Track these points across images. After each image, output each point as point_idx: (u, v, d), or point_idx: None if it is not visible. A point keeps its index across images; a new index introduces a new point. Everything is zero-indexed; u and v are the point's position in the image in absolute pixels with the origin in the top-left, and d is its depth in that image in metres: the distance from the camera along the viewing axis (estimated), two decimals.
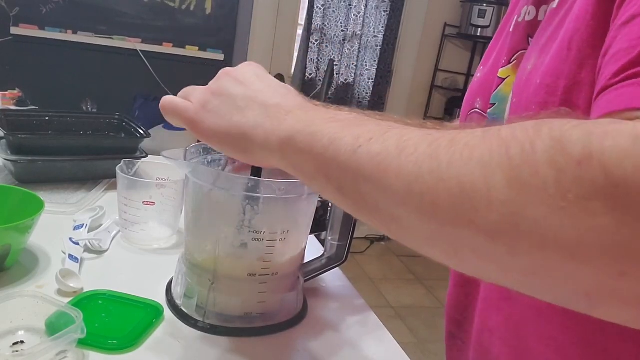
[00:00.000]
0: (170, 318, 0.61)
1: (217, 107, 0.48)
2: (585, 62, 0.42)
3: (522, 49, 0.55)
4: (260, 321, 0.61)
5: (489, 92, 0.59)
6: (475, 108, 0.62)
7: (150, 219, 0.78)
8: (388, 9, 3.49)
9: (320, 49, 3.46)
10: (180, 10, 3.06)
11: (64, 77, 2.97)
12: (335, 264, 0.70)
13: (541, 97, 0.45)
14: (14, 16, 2.81)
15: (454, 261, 0.34)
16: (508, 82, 0.56)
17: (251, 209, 0.56)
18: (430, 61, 3.68)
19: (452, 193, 0.31)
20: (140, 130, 1.05)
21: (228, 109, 0.47)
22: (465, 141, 0.32)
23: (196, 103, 0.49)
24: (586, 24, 0.42)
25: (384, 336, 0.65)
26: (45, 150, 0.92)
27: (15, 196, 0.71)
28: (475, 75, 0.66)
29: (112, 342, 0.54)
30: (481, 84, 0.62)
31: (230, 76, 0.49)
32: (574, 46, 0.43)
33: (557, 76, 0.44)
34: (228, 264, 0.59)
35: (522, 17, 0.56)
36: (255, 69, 0.51)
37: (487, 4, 3.37)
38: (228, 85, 0.48)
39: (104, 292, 0.63)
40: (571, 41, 0.43)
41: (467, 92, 0.66)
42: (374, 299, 2.77)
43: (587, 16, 0.42)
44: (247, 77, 0.49)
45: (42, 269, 0.67)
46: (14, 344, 0.52)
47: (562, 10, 0.48)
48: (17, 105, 2.57)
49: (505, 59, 0.57)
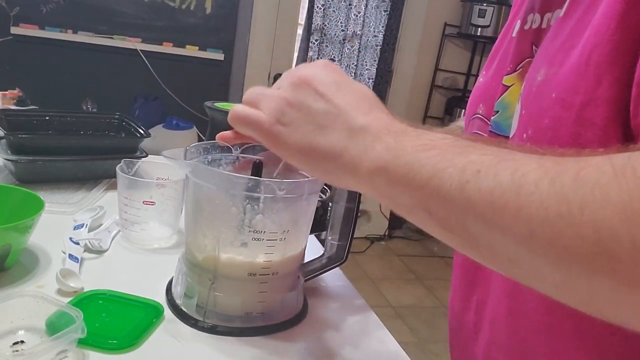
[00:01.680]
0: (171, 318, 0.61)
1: (295, 122, 0.44)
2: (603, 78, 0.40)
3: (528, 57, 0.54)
4: (261, 321, 0.61)
5: (492, 98, 0.58)
6: (477, 114, 0.61)
7: (150, 218, 0.78)
8: (388, 9, 3.49)
9: (320, 48, 3.46)
10: (180, 10, 3.06)
11: (64, 76, 2.97)
12: (336, 264, 0.70)
13: (555, 112, 0.43)
14: (14, 16, 2.81)
15: (588, 309, 0.32)
16: (513, 90, 0.55)
17: (251, 208, 0.56)
18: (430, 61, 3.68)
19: (588, 241, 0.28)
20: (140, 130, 1.05)
21: (308, 126, 0.43)
22: (594, 179, 0.29)
23: (270, 114, 0.45)
24: (607, 39, 0.40)
25: (385, 336, 0.65)
26: (45, 150, 0.93)
27: (15, 196, 0.71)
28: (478, 80, 0.65)
29: (112, 342, 0.54)
30: (484, 90, 0.61)
31: (309, 86, 0.45)
32: (593, 61, 0.41)
33: (574, 91, 0.42)
34: (228, 264, 0.59)
35: (528, 24, 0.55)
36: (334, 75, 0.46)
37: (488, 4, 3.37)
38: (307, 98, 0.44)
39: (104, 292, 0.63)
40: (590, 56, 0.41)
41: (470, 97, 0.65)
42: (374, 299, 2.77)
43: (608, 31, 0.40)
44: (327, 88, 0.44)
45: (42, 268, 0.67)
46: (14, 344, 0.52)
47: (570, 20, 0.47)
48: (17, 104, 2.57)
49: (510, 67, 0.56)
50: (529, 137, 0.46)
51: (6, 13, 2.79)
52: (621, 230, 0.27)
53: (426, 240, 3.69)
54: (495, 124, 0.57)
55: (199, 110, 2.96)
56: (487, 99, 0.59)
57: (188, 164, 0.58)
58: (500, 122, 0.56)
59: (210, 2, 3.10)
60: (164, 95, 3.09)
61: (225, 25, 3.16)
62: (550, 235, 0.30)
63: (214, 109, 0.98)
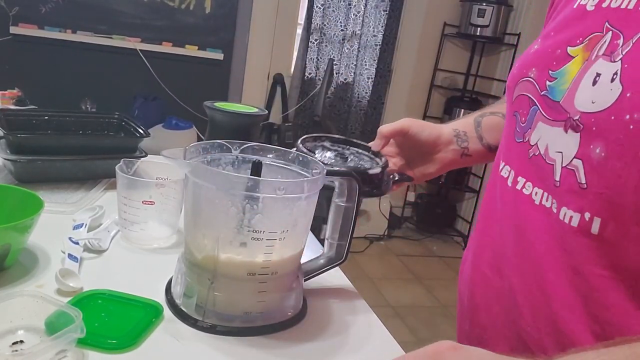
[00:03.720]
0: (170, 317, 0.61)
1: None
2: None
3: (597, 32, 0.55)
4: (260, 320, 0.61)
5: (549, 64, 0.59)
6: (528, 77, 0.62)
7: (149, 218, 0.78)
8: (387, 9, 3.49)
9: (319, 48, 3.46)
10: (179, 10, 3.06)
11: (63, 76, 2.97)
12: (335, 264, 0.70)
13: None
14: (13, 15, 2.81)
15: None
16: (576, 60, 0.56)
17: (251, 208, 0.56)
18: (429, 60, 3.68)
19: None
20: (139, 130, 1.05)
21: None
22: None
23: None
24: None
25: (384, 335, 0.65)
26: (44, 150, 0.92)
27: (14, 196, 0.71)
28: (532, 47, 0.65)
29: (111, 342, 0.54)
30: (540, 55, 0.62)
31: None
32: None
33: None
34: (228, 264, 0.59)
35: (607, 2, 0.56)
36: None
37: (487, 4, 3.37)
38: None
39: (103, 292, 0.63)
40: None
41: (518, 62, 0.66)
42: (374, 299, 2.77)
43: None
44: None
45: (41, 268, 0.67)
46: (14, 344, 0.52)
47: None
48: (17, 104, 2.57)
49: (580, 40, 0.57)
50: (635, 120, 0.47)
51: (5, 13, 2.79)
52: None
53: (425, 240, 3.69)
54: (551, 89, 0.58)
55: (198, 110, 2.96)
56: (543, 64, 0.60)
57: (187, 164, 0.58)
58: (556, 87, 0.57)
59: (210, 1, 3.10)
60: (164, 94, 3.09)
61: (224, 25, 3.16)
62: None
63: (213, 108, 0.98)
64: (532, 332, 0.58)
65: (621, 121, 0.48)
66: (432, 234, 3.73)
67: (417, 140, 0.80)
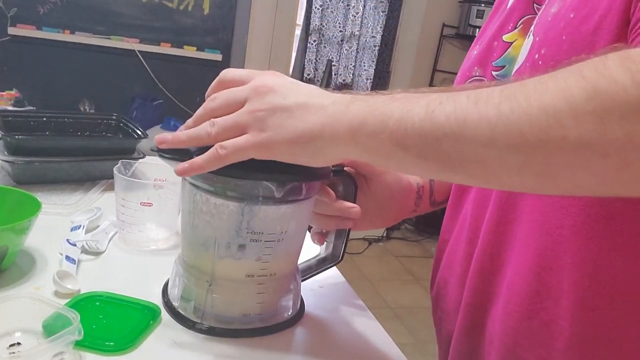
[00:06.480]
0: (168, 319, 0.61)
1: (276, 123, 0.48)
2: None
3: (528, 14, 0.58)
4: (259, 322, 0.61)
5: (490, 59, 0.62)
6: (474, 77, 0.64)
7: (147, 220, 0.78)
8: (386, 10, 3.50)
9: (318, 49, 3.46)
10: (178, 11, 3.06)
11: (61, 77, 2.96)
12: (331, 264, 0.70)
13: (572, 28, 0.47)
14: (11, 16, 2.81)
15: (547, 184, 0.38)
16: (516, 45, 0.59)
17: (249, 210, 0.56)
18: (428, 61, 3.68)
19: (538, 121, 0.35)
20: (137, 131, 1.05)
21: (288, 121, 0.48)
22: (534, 81, 0.36)
23: (252, 130, 0.49)
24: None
25: (382, 337, 0.65)
26: (42, 151, 0.92)
27: (12, 197, 0.71)
28: (470, 53, 0.68)
29: (109, 344, 0.54)
30: (479, 55, 0.65)
31: (271, 90, 0.49)
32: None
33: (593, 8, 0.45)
34: (226, 266, 0.59)
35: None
36: (285, 78, 0.51)
37: (485, 4, 3.37)
38: (275, 99, 0.49)
39: (101, 294, 0.62)
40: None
41: (460, 69, 0.68)
42: (372, 300, 2.77)
43: None
44: (288, 87, 0.50)
45: (39, 270, 0.67)
46: (11, 346, 0.52)
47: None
48: (15, 105, 2.57)
49: (511, 26, 0.60)
50: (542, 56, 0.50)
51: (3, 14, 2.79)
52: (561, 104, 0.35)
53: (424, 241, 3.69)
54: (502, 77, 0.60)
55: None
56: (484, 61, 0.63)
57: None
58: (507, 74, 0.59)
59: (208, 2, 3.10)
60: (162, 96, 3.09)
61: (223, 26, 3.16)
62: (507, 126, 0.36)
63: None
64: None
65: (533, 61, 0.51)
66: (430, 235, 3.73)
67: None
